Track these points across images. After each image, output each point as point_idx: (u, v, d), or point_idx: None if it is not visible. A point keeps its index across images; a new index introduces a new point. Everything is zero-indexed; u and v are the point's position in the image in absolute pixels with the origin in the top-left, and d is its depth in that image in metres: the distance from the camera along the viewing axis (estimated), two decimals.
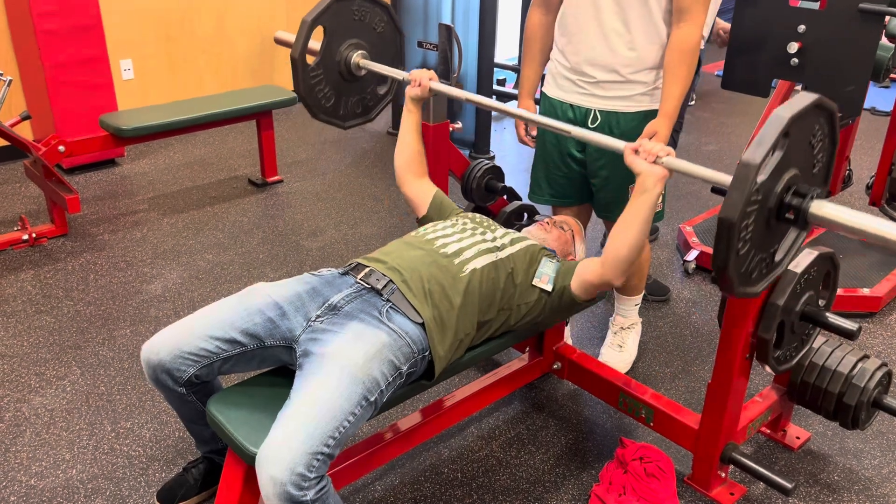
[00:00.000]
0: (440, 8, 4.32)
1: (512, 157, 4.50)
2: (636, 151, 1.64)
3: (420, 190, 2.10)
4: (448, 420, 2.14)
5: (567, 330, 2.62)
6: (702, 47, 2.43)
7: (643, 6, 2.03)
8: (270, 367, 1.76)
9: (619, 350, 2.53)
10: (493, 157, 4.48)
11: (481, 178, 2.58)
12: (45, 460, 2.08)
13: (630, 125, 2.16)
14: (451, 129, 2.51)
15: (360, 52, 2.17)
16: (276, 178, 4.04)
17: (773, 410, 2.13)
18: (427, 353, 1.67)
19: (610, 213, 2.32)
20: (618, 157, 2.17)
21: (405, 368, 1.62)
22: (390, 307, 1.67)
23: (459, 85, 4.40)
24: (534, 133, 2.35)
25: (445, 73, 2.42)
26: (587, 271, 1.78)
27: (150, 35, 4.54)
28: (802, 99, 1.27)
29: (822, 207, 1.32)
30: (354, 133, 4.80)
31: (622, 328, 2.56)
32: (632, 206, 1.66)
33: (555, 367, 2.33)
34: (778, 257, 1.44)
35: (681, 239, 3.38)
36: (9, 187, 3.87)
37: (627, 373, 2.50)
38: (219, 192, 3.91)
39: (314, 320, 1.64)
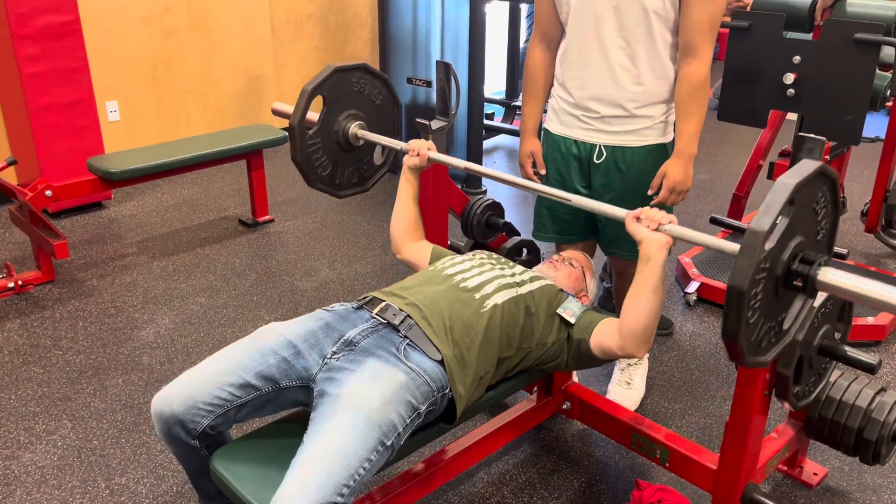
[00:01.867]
0: (429, 44, 4.33)
1: (503, 192, 4.48)
2: (638, 219, 1.61)
3: (418, 251, 2.07)
4: (457, 467, 2.07)
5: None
6: None
7: (649, 41, 2.02)
8: (287, 411, 1.69)
9: (626, 387, 2.47)
10: (485, 192, 4.46)
11: (482, 215, 2.55)
12: None
13: (636, 160, 2.13)
14: None
15: (357, 122, 2.18)
16: (266, 217, 3.99)
17: (790, 447, 2.08)
18: (447, 391, 1.62)
19: (617, 249, 2.28)
20: (626, 190, 2.18)
21: (424, 408, 1.56)
22: (407, 344, 1.61)
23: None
24: (542, 172, 2.31)
25: (444, 111, 2.39)
26: (607, 336, 1.71)
27: (137, 76, 4.50)
28: (806, 166, 1.26)
29: (829, 274, 1.30)
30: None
31: (629, 365, 2.51)
32: (639, 276, 1.62)
33: (564, 407, 2.27)
34: (786, 325, 1.41)
35: (679, 271, 3.35)
36: None
37: (636, 410, 2.44)
38: (209, 234, 3.84)
39: (330, 357, 1.59)
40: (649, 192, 2.12)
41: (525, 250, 2.75)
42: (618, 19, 2.01)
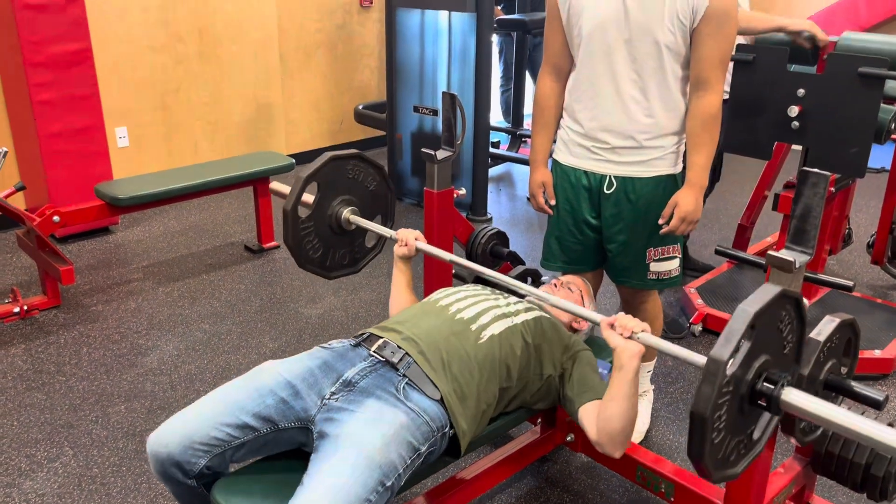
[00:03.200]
0: (436, 73, 4.37)
1: (508, 220, 4.48)
2: (612, 326, 1.59)
3: None
4: (459, 500, 2.05)
5: None
6: None
7: (661, 74, 2.03)
8: (286, 450, 1.68)
9: None
10: (490, 219, 4.47)
11: (486, 244, 2.55)
12: None
13: (646, 190, 2.14)
14: (455, 195, 2.48)
15: (350, 207, 2.20)
16: (272, 243, 4.00)
17: (796, 482, 2.06)
18: (447, 430, 1.61)
19: (627, 279, 2.28)
20: (635, 221, 2.18)
21: (424, 449, 1.55)
22: (406, 383, 1.60)
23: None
24: (553, 202, 2.31)
25: (450, 141, 2.40)
26: (588, 422, 1.69)
27: (146, 103, 4.55)
28: (767, 292, 1.29)
29: (792, 395, 1.32)
30: None
31: None
32: (612, 382, 1.61)
33: (568, 439, 2.25)
34: (756, 436, 1.43)
35: (685, 301, 3.34)
36: (1, 257, 3.80)
37: (641, 443, 2.42)
38: (215, 260, 3.85)
39: (328, 398, 1.58)
40: (660, 222, 2.12)
41: (530, 279, 2.75)
42: (629, 52, 2.03)
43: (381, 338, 1.70)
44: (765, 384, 1.32)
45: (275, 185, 2.54)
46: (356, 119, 5.14)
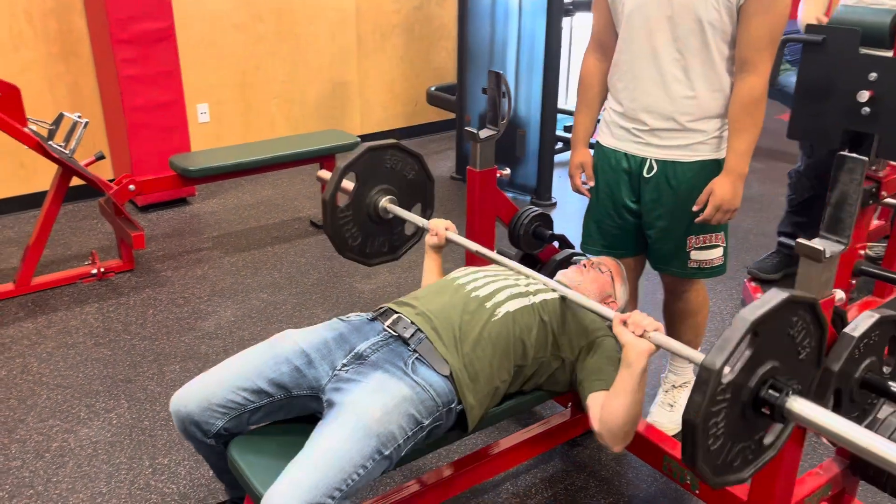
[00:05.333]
0: (505, 55, 4.34)
1: (573, 205, 4.43)
2: (625, 323, 1.57)
3: None
4: (482, 474, 2.06)
5: None
6: None
7: (705, 52, 1.96)
8: (301, 415, 1.74)
9: (669, 409, 2.40)
10: (554, 204, 4.43)
11: (529, 225, 2.53)
12: (82, 492, 2.12)
13: (688, 175, 2.07)
14: (498, 175, 2.47)
15: (388, 197, 2.23)
16: None
17: (833, 485, 1.96)
18: (454, 405, 1.63)
19: (666, 266, 2.22)
20: (676, 206, 2.12)
21: (427, 422, 1.57)
22: (416, 358, 1.63)
23: (521, 132, 4.35)
24: (591, 184, 2.29)
25: (494, 120, 2.40)
26: (593, 411, 1.67)
27: (227, 81, 4.74)
28: (771, 298, 1.24)
29: (797, 404, 1.27)
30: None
31: (674, 386, 2.43)
32: (619, 377, 1.59)
33: None
34: (768, 441, 1.38)
35: (745, 294, 3.22)
36: (87, 223, 4.06)
37: (678, 435, 2.36)
38: (281, 233, 3.98)
39: (339, 369, 1.62)
40: (694, 208, 2.05)
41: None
42: (671, 30, 1.97)
43: (397, 313, 1.73)
44: (769, 392, 1.29)
45: (321, 172, 2.61)
46: (428, 101, 5.18)
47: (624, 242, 2.28)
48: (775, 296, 1.25)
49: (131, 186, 3.38)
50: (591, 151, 2.29)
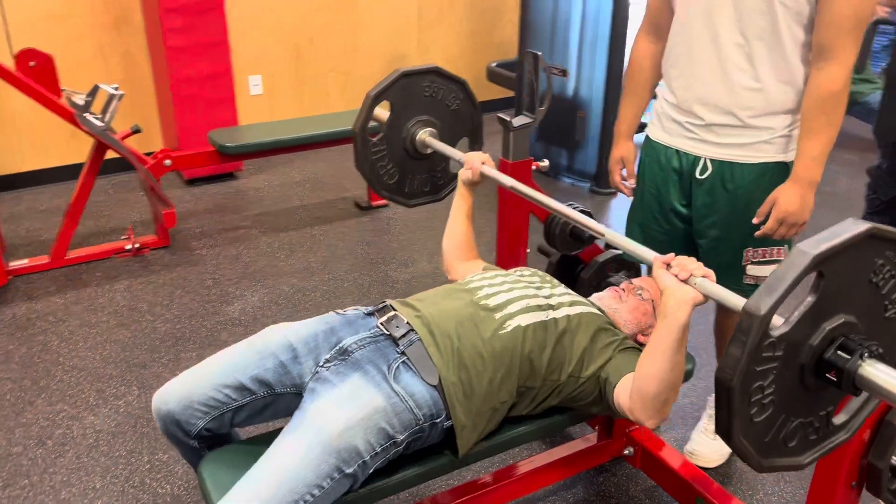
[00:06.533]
0: (568, 31, 4.05)
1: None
2: (668, 266, 1.33)
3: (468, 271, 1.86)
4: (498, 498, 1.88)
5: None
6: None
7: (773, 37, 1.67)
8: (287, 417, 1.59)
9: (712, 437, 2.14)
10: (614, 194, 4.14)
11: (566, 224, 2.29)
12: (76, 486, 2.04)
13: (747, 179, 1.79)
14: (534, 167, 2.24)
15: (428, 129, 2.04)
16: (381, 202, 3.93)
17: None
18: (440, 420, 1.44)
19: (718, 281, 1.95)
20: (731, 213, 1.84)
21: (402, 437, 1.40)
22: (403, 362, 1.46)
23: (581, 114, 4.05)
24: (631, 181, 2.04)
25: (531, 106, 2.16)
26: (623, 391, 1.45)
27: (281, 52, 4.61)
28: (846, 228, 0.93)
29: (874, 369, 0.97)
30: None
31: None
32: (655, 333, 1.35)
33: (626, 452, 2.00)
34: (839, 421, 1.08)
35: None
36: (134, 195, 4.02)
37: (721, 468, 2.11)
38: (323, 213, 3.85)
39: (322, 365, 1.48)
40: (755, 220, 1.77)
41: (624, 269, 2.46)
42: (736, 10, 1.68)
43: (394, 311, 1.55)
44: (838, 353, 1.00)
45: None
46: (488, 77, 4.93)
47: (671, 251, 2.01)
48: (852, 226, 0.95)
49: (167, 161, 3.30)
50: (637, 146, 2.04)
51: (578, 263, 2.49)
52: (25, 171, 4.08)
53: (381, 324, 1.53)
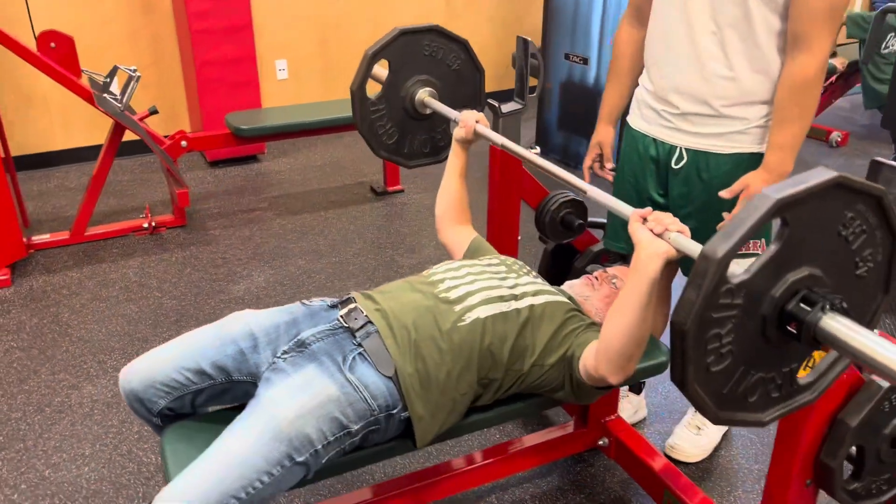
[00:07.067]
0: (590, 19, 3.99)
1: None
2: (644, 220, 1.30)
3: (458, 237, 1.87)
4: (465, 482, 1.89)
5: (640, 398, 2.26)
6: None
7: (746, 26, 1.63)
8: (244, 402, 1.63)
9: (695, 432, 2.11)
10: None
11: (556, 212, 2.27)
12: (67, 452, 2.12)
13: (722, 169, 1.76)
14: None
15: (427, 89, 2.03)
16: (397, 187, 3.96)
17: None
18: (396, 411, 1.45)
19: None
20: (706, 204, 1.81)
21: (356, 427, 1.41)
22: (359, 353, 1.47)
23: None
24: (608, 166, 2.02)
25: (521, 93, 2.15)
26: (588, 355, 1.45)
27: (307, 37, 4.66)
28: (813, 175, 0.88)
29: (834, 322, 0.92)
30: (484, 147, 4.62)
31: None
32: (625, 287, 1.32)
33: (601, 443, 1.98)
34: (805, 380, 1.04)
35: None
36: (158, 175, 4.13)
37: (703, 463, 2.08)
38: (339, 197, 3.89)
39: (279, 356, 1.49)
40: (723, 194, 1.73)
41: (618, 257, 2.43)
42: None
43: (355, 304, 1.57)
44: (800, 305, 0.95)
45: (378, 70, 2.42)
46: (513, 65, 4.90)
47: None
48: (820, 174, 0.90)
49: (183, 143, 3.37)
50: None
51: (574, 253, 2.47)
52: (57, 150, 4.22)
53: (341, 316, 1.55)
